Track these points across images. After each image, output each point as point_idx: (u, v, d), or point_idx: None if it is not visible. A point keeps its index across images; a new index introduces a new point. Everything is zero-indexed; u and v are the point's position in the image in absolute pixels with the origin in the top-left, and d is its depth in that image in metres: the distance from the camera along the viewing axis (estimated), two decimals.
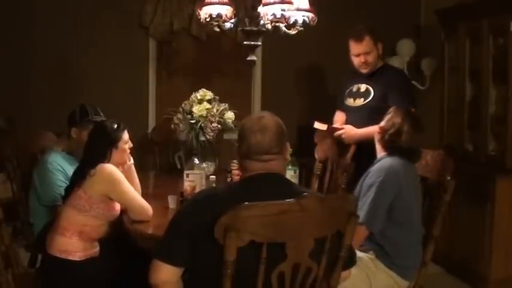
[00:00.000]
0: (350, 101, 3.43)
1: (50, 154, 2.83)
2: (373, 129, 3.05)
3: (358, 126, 3.28)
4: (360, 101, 3.36)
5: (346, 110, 3.48)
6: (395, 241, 2.37)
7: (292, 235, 1.54)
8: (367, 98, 3.32)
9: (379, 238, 2.37)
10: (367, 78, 3.36)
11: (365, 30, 3.29)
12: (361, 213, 2.31)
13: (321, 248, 1.60)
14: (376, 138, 2.56)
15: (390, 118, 2.51)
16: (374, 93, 3.30)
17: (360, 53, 3.28)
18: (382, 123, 2.53)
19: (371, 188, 2.36)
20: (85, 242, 2.36)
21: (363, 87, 3.37)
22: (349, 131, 3.30)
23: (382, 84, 3.28)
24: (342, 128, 3.33)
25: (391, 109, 2.60)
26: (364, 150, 3.14)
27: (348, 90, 3.47)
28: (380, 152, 2.55)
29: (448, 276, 3.80)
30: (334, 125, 3.42)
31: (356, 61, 3.33)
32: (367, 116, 3.24)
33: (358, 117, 3.32)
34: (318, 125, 3.40)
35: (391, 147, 2.47)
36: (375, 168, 2.47)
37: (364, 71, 3.34)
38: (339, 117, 3.53)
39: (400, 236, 2.38)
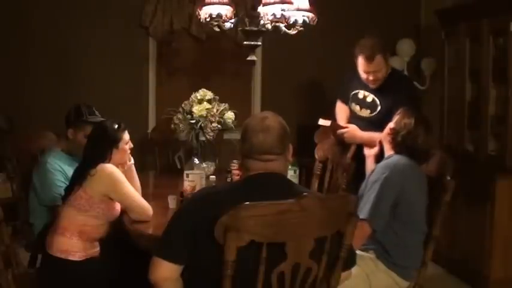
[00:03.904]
0: (356, 108, 3.34)
1: (49, 154, 2.83)
2: (376, 136, 2.96)
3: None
4: (366, 112, 3.28)
5: (351, 114, 3.40)
6: (398, 240, 2.37)
7: (292, 235, 1.54)
8: (374, 110, 3.23)
9: (381, 236, 2.37)
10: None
11: (377, 49, 3.10)
12: (365, 209, 2.31)
13: (321, 248, 1.60)
14: (387, 138, 2.55)
15: (400, 119, 2.50)
16: (381, 107, 3.20)
17: (370, 71, 3.15)
18: (393, 125, 2.52)
19: (375, 184, 2.36)
20: (85, 242, 2.36)
21: (370, 97, 3.26)
22: (353, 131, 3.28)
23: (389, 97, 3.15)
24: (346, 127, 3.31)
25: (400, 110, 2.58)
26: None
27: (353, 93, 3.35)
28: (388, 151, 2.55)
29: (448, 277, 3.80)
30: (340, 123, 3.39)
31: (364, 76, 3.19)
32: (373, 128, 3.11)
33: (363, 126, 3.26)
34: (322, 121, 3.37)
35: (402, 148, 2.46)
36: (380, 165, 2.47)
37: (372, 86, 3.22)
38: (341, 109, 3.47)
39: (403, 235, 2.37)
